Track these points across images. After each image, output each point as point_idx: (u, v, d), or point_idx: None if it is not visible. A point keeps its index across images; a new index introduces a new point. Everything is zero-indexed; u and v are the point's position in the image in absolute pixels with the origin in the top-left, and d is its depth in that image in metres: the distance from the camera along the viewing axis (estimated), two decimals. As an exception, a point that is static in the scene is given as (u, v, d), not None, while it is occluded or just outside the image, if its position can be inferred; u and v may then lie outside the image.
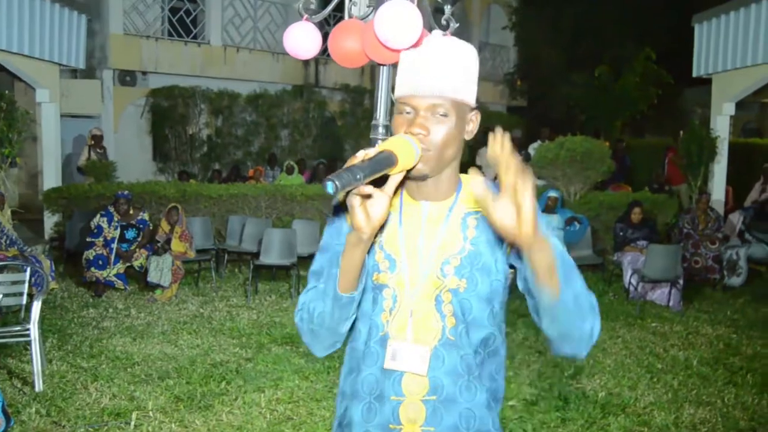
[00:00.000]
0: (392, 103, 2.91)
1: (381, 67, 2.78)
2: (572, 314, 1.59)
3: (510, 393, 5.34)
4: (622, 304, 8.42)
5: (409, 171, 1.60)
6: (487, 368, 1.76)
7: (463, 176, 1.80)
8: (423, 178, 1.69)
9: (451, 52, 1.67)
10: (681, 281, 8.26)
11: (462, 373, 1.72)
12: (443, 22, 3.01)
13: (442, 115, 1.65)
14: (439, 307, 1.72)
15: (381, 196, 1.51)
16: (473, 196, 1.62)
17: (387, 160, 1.49)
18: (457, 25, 3.10)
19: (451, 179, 1.76)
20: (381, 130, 2.82)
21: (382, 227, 1.69)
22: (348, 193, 1.48)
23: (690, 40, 12.54)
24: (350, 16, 2.85)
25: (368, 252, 1.67)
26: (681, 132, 12.46)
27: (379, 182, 1.51)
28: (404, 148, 1.55)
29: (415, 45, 1.77)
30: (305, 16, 2.86)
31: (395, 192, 1.57)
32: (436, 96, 1.64)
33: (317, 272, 1.77)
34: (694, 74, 12.31)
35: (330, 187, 1.37)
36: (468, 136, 1.75)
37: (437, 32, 2.59)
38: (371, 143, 2.89)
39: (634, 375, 5.88)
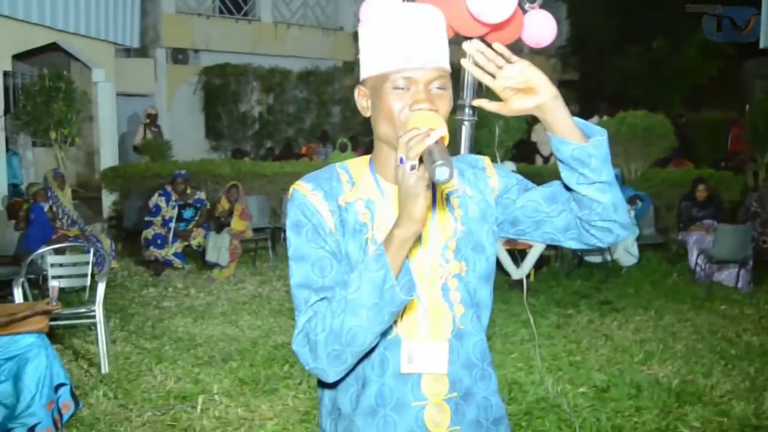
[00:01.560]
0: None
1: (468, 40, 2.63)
2: (608, 165, 1.52)
3: (580, 379, 5.21)
4: (689, 285, 8.17)
5: None
6: (487, 348, 1.69)
7: None
8: None
9: (433, 21, 1.53)
10: (750, 262, 7.98)
11: (476, 362, 1.65)
12: (530, -3, 2.86)
13: (441, 88, 1.52)
14: (446, 296, 1.61)
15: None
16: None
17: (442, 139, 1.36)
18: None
19: None
20: (468, 111, 2.68)
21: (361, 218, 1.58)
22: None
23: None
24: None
25: (363, 249, 1.56)
26: (747, 106, 12.02)
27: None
28: (442, 126, 1.39)
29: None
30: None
31: (361, 179, 1.47)
32: (435, 68, 1.51)
33: (307, 285, 1.52)
34: (762, 45, 11.83)
35: (443, 174, 1.25)
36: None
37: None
38: (457, 124, 2.76)
39: (707, 361, 5.67)
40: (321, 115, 16.46)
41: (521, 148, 11.82)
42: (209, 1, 16.00)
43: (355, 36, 17.13)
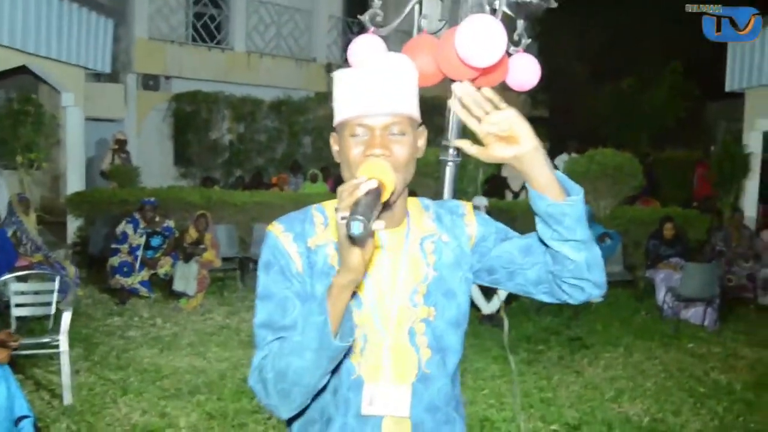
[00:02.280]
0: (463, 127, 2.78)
1: (453, 83, 2.63)
2: (583, 224, 1.56)
3: (551, 416, 5.19)
4: (657, 322, 8.23)
5: None
6: (455, 393, 1.70)
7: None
8: (389, 204, 1.56)
9: (397, 68, 1.56)
10: (717, 300, 8.06)
11: (441, 407, 1.64)
12: (515, 37, 2.87)
13: (399, 134, 1.54)
14: (413, 340, 1.61)
15: (379, 230, 1.34)
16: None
17: (379, 190, 1.36)
18: (530, 40, 2.97)
19: (402, 204, 1.66)
20: (452, 151, 2.68)
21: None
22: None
23: (716, 53, 12.33)
24: (419, 30, 2.71)
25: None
26: (712, 147, 12.27)
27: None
28: (385, 173, 1.42)
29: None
30: (371, 28, 2.72)
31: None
32: (392, 114, 1.53)
33: (268, 324, 1.56)
34: (727, 89, 12.10)
35: (358, 227, 1.23)
36: (419, 154, 1.63)
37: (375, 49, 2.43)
38: (441, 165, 2.75)
39: (677, 399, 5.70)
40: (292, 144, 16.42)
41: (492, 183, 11.91)
42: (182, 28, 15.95)
43: (327, 67, 17.21)
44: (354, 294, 1.56)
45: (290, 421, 1.69)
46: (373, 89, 1.53)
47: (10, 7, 9.19)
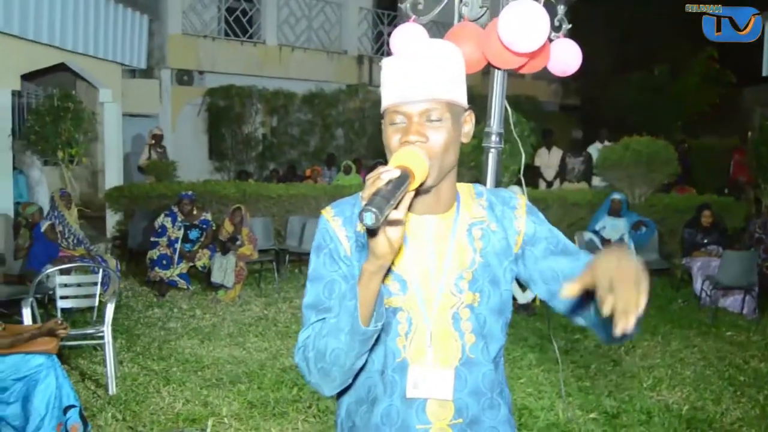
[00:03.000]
0: (506, 110, 2.81)
1: (496, 71, 2.65)
2: None
3: (589, 405, 5.19)
4: (694, 311, 8.17)
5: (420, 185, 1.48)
6: (500, 379, 1.72)
7: (457, 184, 1.71)
8: (428, 190, 1.58)
9: (437, 54, 1.56)
10: (756, 288, 7.98)
11: (485, 391, 1.67)
12: (556, 23, 2.88)
13: (436, 120, 1.55)
14: (457, 325, 1.64)
15: (401, 218, 1.38)
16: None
17: (406, 177, 1.37)
18: (570, 26, 2.98)
19: (451, 189, 1.68)
20: (494, 138, 2.70)
21: None
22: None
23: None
24: (460, 17, 2.73)
25: None
26: (749, 133, 12.08)
27: None
28: (416, 160, 1.44)
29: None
30: (413, 17, 2.75)
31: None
32: (428, 100, 1.54)
33: (315, 305, 1.62)
34: (764, 73, 11.93)
35: (370, 218, 1.26)
36: (465, 139, 1.65)
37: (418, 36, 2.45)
38: (484, 151, 2.77)
39: (716, 388, 5.66)
40: (325, 137, 16.49)
41: (525, 172, 11.86)
42: (215, 23, 16.08)
43: (359, 60, 17.24)
44: (402, 280, 1.63)
45: (341, 400, 1.75)
46: (409, 76, 1.54)
47: (50, 6, 9.36)
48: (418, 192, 1.55)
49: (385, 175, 1.34)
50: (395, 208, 1.33)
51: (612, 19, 17.89)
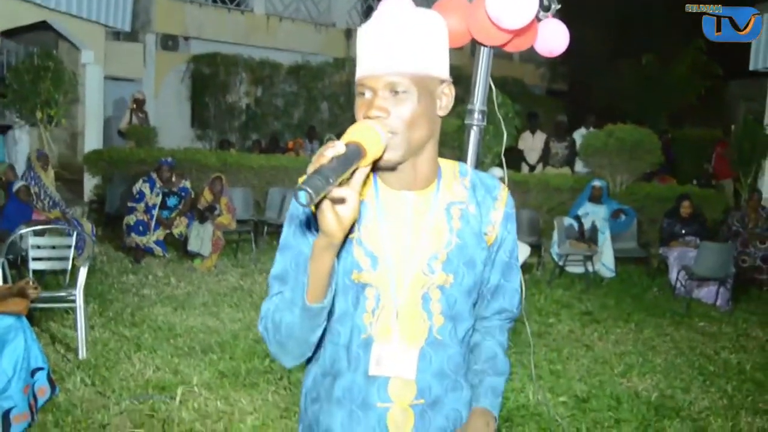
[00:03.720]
0: (490, 89, 2.77)
1: (481, 47, 2.61)
2: None
3: (560, 388, 5.21)
4: (668, 300, 8.22)
5: (377, 161, 1.43)
6: (466, 360, 1.70)
7: (440, 160, 1.66)
8: (394, 166, 1.53)
9: (408, 23, 1.49)
10: (731, 280, 8.04)
11: (449, 373, 1.65)
12: (545, 2, 2.83)
13: (402, 92, 1.48)
14: (426, 305, 1.61)
15: (350, 195, 1.32)
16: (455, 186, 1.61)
17: (356, 153, 1.32)
18: (559, 6, 2.93)
19: (430, 165, 1.61)
20: (477, 115, 2.66)
21: (354, 223, 1.50)
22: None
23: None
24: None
25: (345, 248, 1.55)
26: (732, 126, 12.14)
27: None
28: (369, 136, 1.38)
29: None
30: (397, -10, 2.69)
31: (364, 183, 1.41)
32: (393, 72, 1.47)
33: (280, 276, 1.61)
34: (751, 67, 11.96)
35: (303, 197, 1.22)
36: (442, 112, 1.58)
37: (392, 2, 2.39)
38: (466, 129, 2.74)
39: (686, 377, 5.70)
40: (309, 110, 16.37)
41: (508, 154, 11.84)
42: (202, -12, 15.88)
43: (347, 33, 17.08)
44: (374, 255, 1.59)
45: (308, 368, 1.73)
46: (376, 47, 1.49)
47: (32, -38, 9.18)
48: (386, 168, 1.52)
49: (329, 151, 1.29)
50: (341, 184, 1.29)
51: (604, 6, 17.84)
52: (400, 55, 1.48)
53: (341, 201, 1.31)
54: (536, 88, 20.51)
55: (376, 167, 1.50)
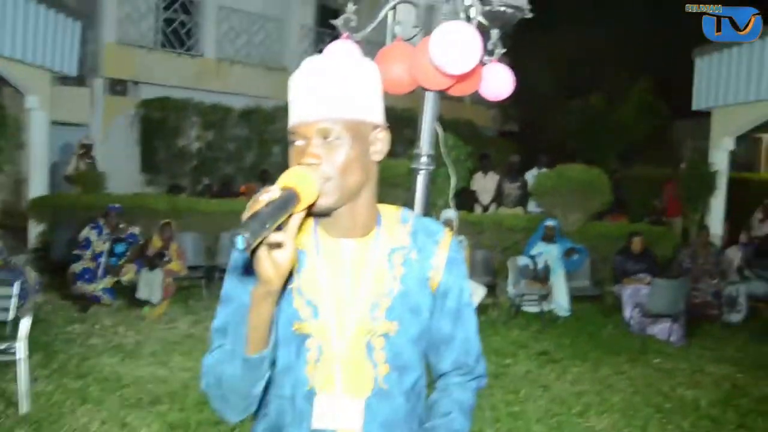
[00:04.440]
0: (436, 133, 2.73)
1: (426, 92, 2.59)
2: None
3: (518, 431, 5.14)
4: (623, 337, 8.25)
5: (311, 206, 1.41)
6: (417, 412, 1.65)
7: (381, 206, 1.64)
8: (328, 211, 1.51)
9: (338, 70, 1.50)
10: (684, 317, 8.11)
11: (397, 423, 1.59)
12: (489, 47, 2.82)
13: (335, 138, 1.48)
14: (370, 354, 1.57)
15: (287, 240, 1.31)
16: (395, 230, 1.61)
17: (290, 198, 1.32)
18: (504, 50, 2.92)
19: (368, 211, 1.59)
20: (424, 159, 2.63)
21: (292, 271, 1.49)
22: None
23: (684, 71, 12.51)
24: (393, 37, 2.65)
25: (285, 298, 1.52)
26: (681, 164, 12.40)
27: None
28: (303, 181, 1.37)
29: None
30: (345, 33, 2.66)
31: (300, 229, 1.39)
32: (325, 119, 1.47)
33: (221, 328, 1.58)
34: (694, 107, 12.27)
35: (241, 242, 1.19)
36: (377, 157, 1.57)
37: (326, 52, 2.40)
38: (413, 173, 2.70)
39: (644, 415, 5.69)
40: (262, 153, 16.26)
41: (461, 196, 11.89)
42: (151, 33, 15.75)
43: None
44: (313, 305, 1.55)
45: (254, 425, 1.66)
46: (307, 94, 1.48)
47: (-26, 6, 9.01)
48: (321, 214, 1.50)
49: (264, 196, 1.28)
50: (277, 230, 1.27)
51: (552, 48, 18.24)
52: (331, 101, 1.48)
53: (278, 246, 1.29)
54: (488, 130, 20.74)
55: (312, 214, 1.48)
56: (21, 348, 5.13)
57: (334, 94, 1.48)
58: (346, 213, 1.54)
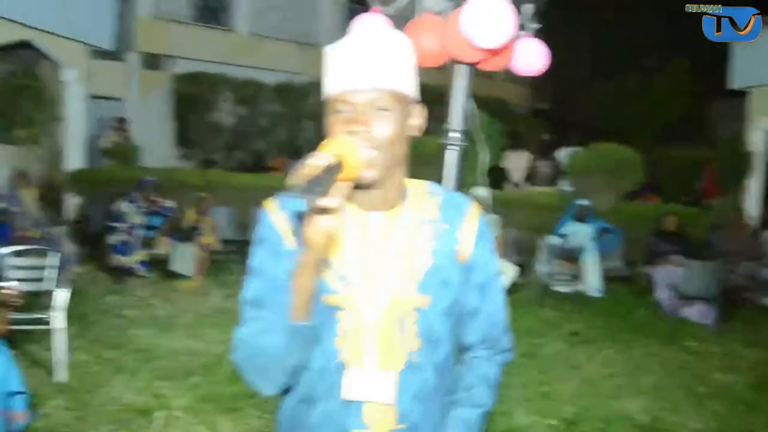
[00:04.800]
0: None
1: (456, 67, 2.57)
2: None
3: (548, 411, 5.14)
4: (656, 319, 8.18)
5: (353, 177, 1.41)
6: (446, 384, 1.66)
7: (407, 180, 1.64)
8: (372, 184, 1.51)
9: (384, 43, 1.51)
10: (718, 299, 8.01)
11: (428, 397, 1.60)
12: (522, 21, 2.79)
13: (383, 109, 1.48)
14: (402, 328, 1.56)
15: (337, 207, 1.32)
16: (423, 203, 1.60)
17: (336, 167, 1.31)
18: (539, 26, 2.89)
19: (398, 184, 1.60)
20: (455, 135, 2.61)
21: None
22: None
23: (720, 50, 12.27)
24: (424, 9, 2.64)
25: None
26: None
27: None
28: (349, 151, 1.36)
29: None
30: (375, 6, 2.66)
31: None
32: (376, 89, 1.48)
33: (255, 301, 1.56)
34: (729, 87, 12.05)
35: (308, 203, 1.25)
36: (414, 132, 1.57)
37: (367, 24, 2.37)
38: (443, 148, 2.68)
39: (676, 397, 5.64)
40: (293, 129, 16.31)
41: (492, 174, 11.84)
42: (186, 8, 15.82)
43: (331, 52, 17.08)
44: (344, 277, 1.55)
45: (285, 397, 1.67)
46: (356, 64, 1.48)
47: (14, -19, 9.10)
48: (362, 185, 1.49)
49: (311, 161, 1.28)
50: (324, 195, 1.27)
51: (587, 25, 18.00)
52: (382, 72, 1.48)
53: (327, 212, 1.30)
54: (519, 108, 20.57)
55: (355, 185, 1.46)
56: (58, 318, 5.22)
57: (384, 65, 1.48)
58: (379, 186, 1.54)
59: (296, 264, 1.40)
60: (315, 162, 1.28)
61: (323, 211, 1.30)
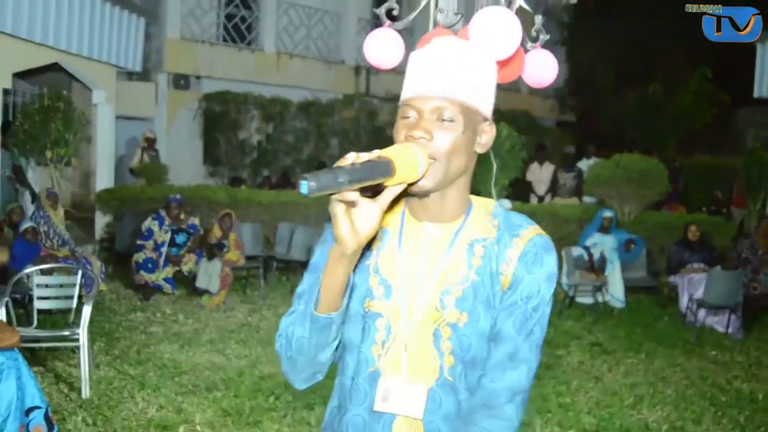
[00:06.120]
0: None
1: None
2: None
3: (568, 422, 5.15)
4: (679, 329, 8.13)
5: (411, 184, 1.41)
6: None
7: (473, 198, 1.62)
8: (426, 193, 1.50)
9: (463, 54, 1.50)
10: (741, 308, 7.94)
11: (458, 419, 1.53)
12: (533, 33, 2.84)
13: (448, 120, 1.47)
14: (437, 342, 1.52)
15: (371, 208, 1.33)
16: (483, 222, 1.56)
17: (382, 167, 1.31)
18: (548, 37, 2.94)
19: (459, 199, 1.57)
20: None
21: (370, 244, 1.50)
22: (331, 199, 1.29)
23: (745, 58, 12.16)
24: (435, 24, 2.70)
25: (361, 274, 1.53)
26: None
27: (374, 194, 1.35)
28: (406, 156, 1.37)
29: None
30: (387, 22, 2.72)
31: (391, 208, 1.40)
32: (443, 98, 1.47)
33: (299, 294, 1.59)
34: (756, 95, 11.93)
35: (304, 186, 1.19)
36: (480, 149, 1.56)
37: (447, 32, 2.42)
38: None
39: (698, 408, 5.62)
40: (319, 146, 16.45)
41: (516, 186, 11.85)
42: (213, 28, 16.07)
43: (356, 70, 17.21)
44: (388, 284, 1.55)
45: (329, 402, 1.69)
46: (427, 71, 1.49)
47: (44, 5, 9.32)
48: (417, 194, 1.50)
49: (351, 155, 1.30)
50: (356, 189, 1.29)
51: (609, 36, 17.93)
52: (453, 82, 1.48)
53: (351, 204, 1.32)
54: (545, 120, 20.51)
55: (409, 193, 1.48)
56: (82, 334, 5.33)
57: (456, 76, 1.48)
58: (437, 198, 1.53)
59: (327, 257, 1.43)
60: (353, 156, 1.29)
61: (347, 202, 1.31)
